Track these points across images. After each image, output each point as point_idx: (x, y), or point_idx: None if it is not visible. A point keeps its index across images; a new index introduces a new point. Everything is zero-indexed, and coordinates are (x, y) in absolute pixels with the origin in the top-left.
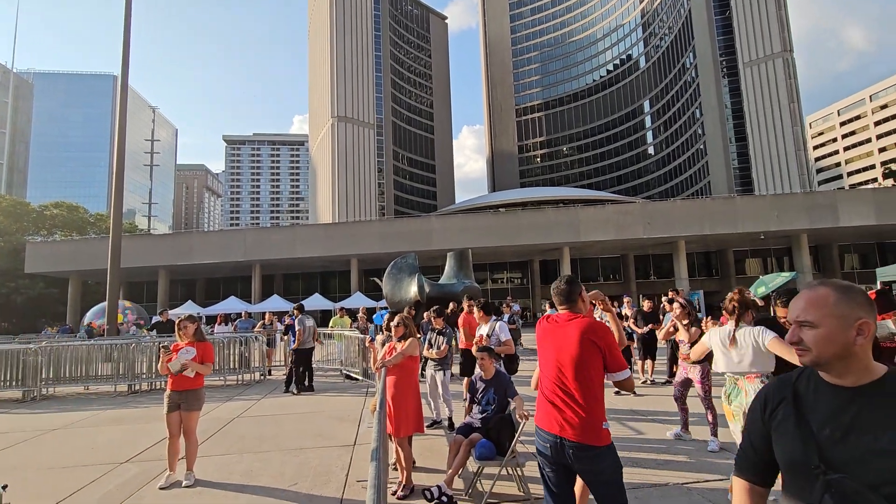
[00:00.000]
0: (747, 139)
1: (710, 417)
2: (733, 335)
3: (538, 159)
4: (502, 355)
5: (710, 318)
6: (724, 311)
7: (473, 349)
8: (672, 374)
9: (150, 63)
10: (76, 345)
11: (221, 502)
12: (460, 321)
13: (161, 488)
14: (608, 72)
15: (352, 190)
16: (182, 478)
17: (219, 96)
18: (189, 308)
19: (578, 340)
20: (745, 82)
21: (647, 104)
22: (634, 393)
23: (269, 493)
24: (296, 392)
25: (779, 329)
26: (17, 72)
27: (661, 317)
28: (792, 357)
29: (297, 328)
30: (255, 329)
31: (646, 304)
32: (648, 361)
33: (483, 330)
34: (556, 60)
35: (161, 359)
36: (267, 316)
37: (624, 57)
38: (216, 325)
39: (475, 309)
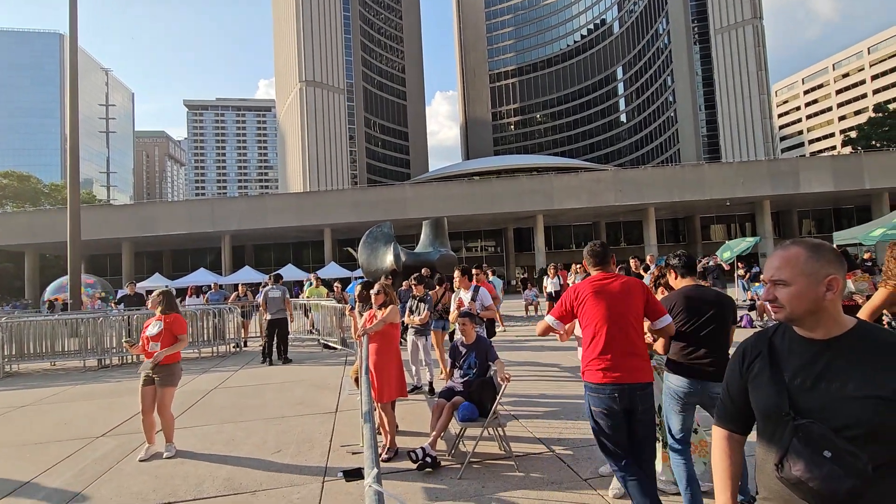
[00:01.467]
0: (716, 107)
1: None
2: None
3: (512, 126)
4: (485, 319)
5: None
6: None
7: (453, 315)
8: None
9: (100, 21)
10: (40, 320)
11: (204, 472)
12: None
13: (141, 460)
14: (582, 37)
15: (323, 158)
16: (163, 449)
17: (178, 59)
18: (157, 281)
19: (634, 294)
20: (715, 49)
21: (620, 71)
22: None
23: (252, 462)
24: (271, 362)
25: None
26: None
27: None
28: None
29: (259, 299)
30: (229, 301)
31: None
32: None
33: (465, 295)
34: (530, 24)
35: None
36: (240, 287)
37: (598, 21)
38: (187, 298)
39: (458, 276)
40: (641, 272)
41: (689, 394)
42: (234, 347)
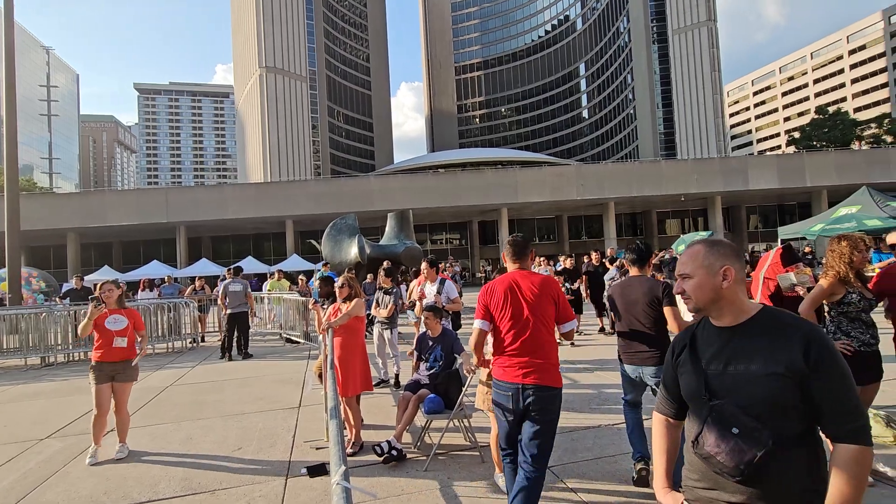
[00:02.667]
0: (673, 105)
1: None
2: None
3: (477, 119)
4: (450, 312)
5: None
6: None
7: (418, 309)
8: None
9: None
10: None
11: (159, 472)
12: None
13: (91, 465)
14: (546, 32)
15: (284, 147)
16: (114, 452)
17: (128, 39)
18: (106, 273)
19: (547, 296)
20: (673, 49)
21: (582, 67)
22: (573, 344)
23: (211, 460)
24: (230, 358)
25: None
26: None
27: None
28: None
29: (219, 294)
30: (185, 294)
31: (567, 262)
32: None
33: (430, 288)
34: (496, 17)
35: (90, 312)
36: (197, 281)
37: (562, 17)
38: (139, 292)
39: (426, 267)
40: (607, 265)
41: (632, 379)
42: (190, 343)
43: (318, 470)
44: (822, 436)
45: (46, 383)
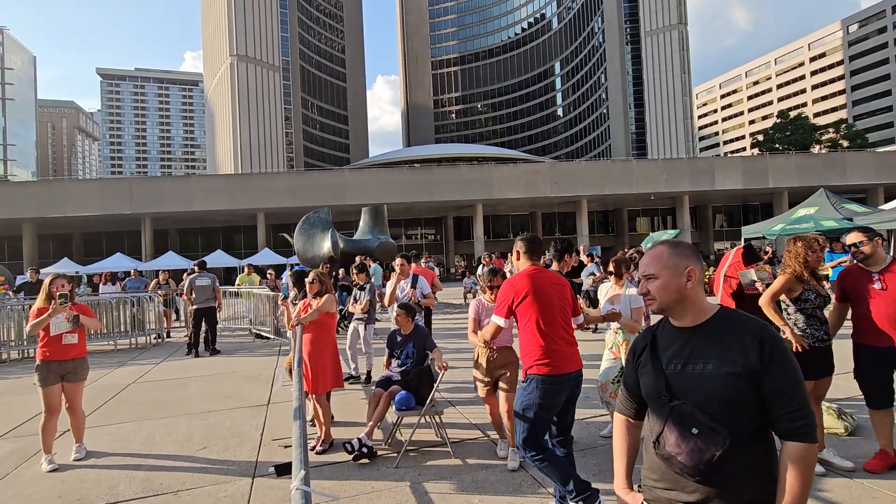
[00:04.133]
0: (644, 105)
1: None
2: (616, 293)
3: (453, 115)
4: (423, 308)
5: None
6: (612, 275)
7: (388, 300)
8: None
9: None
10: None
11: (119, 473)
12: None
13: (49, 471)
14: (523, 29)
15: (256, 138)
16: (70, 453)
17: (89, 21)
18: (66, 266)
19: (567, 288)
20: (645, 51)
21: (557, 66)
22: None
23: (175, 460)
24: (197, 354)
25: None
26: None
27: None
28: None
29: (185, 288)
30: (150, 288)
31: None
32: None
33: (405, 285)
34: (473, 13)
35: (52, 310)
36: (161, 275)
37: (538, 15)
38: (101, 285)
39: (399, 263)
40: (585, 261)
41: None
42: (155, 338)
43: (286, 469)
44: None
45: None
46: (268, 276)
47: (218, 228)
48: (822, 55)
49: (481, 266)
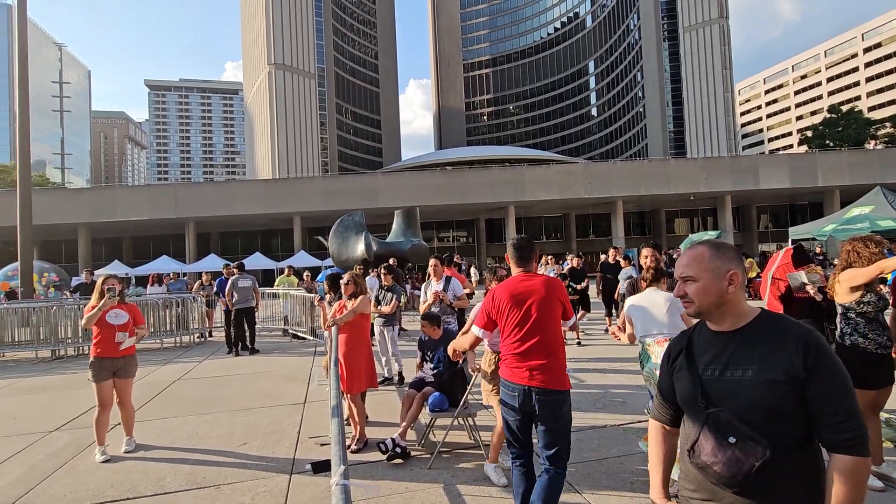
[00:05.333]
0: (683, 103)
1: None
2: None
3: (485, 117)
4: (456, 309)
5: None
6: (643, 280)
7: (424, 307)
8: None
9: None
10: None
11: (166, 466)
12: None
13: (102, 462)
14: (555, 29)
15: (292, 144)
16: (122, 446)
17: (138, 36)
18: (116, 268)
19: (555, 299)
20: (683, 47)
21: (591, 65)
22: (579, 343)
23: (217, 455)
24: (237, 353)
25: None
26: None
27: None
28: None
29: (226, 289)
30: (193, 289)
31: (574, 261)
32: (582, 312)
33: (437, 287)
34: (505, 14)
35: (103, 302)
36: (204, 276)
37: (571, 14)
38: (149, 286)
39: (432, 264)
40: (622, 263)
41: None
42: (198, 337)
43: (323, 466)
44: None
45: (56, 376)
46: (304, 277)
47: (257, 232)
48: (878, 45)
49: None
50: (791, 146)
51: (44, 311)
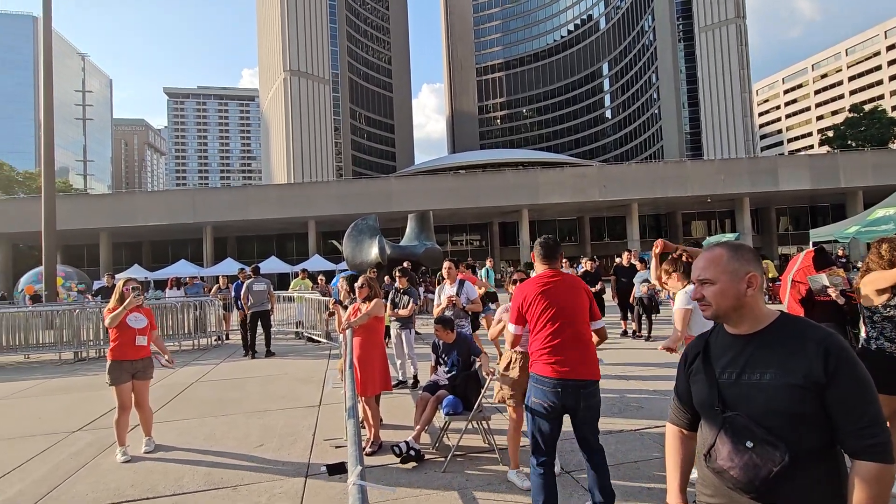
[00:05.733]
0: (699, 104)
1: None
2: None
3: (498, 120)
4: (469, 313)
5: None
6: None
7: (438, 310)
8: (644, 331)
9: (76, 4)
10: (12, 312)
11: (184, 466)
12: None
13: (123, 462)
14: (569, 32)
15: (307, 149)
16: (141, 446)
17: (157, 45)
18: (136, 272)
19: (581, 293)
20: (699, 48)
21: (605, 67)
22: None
23: (234, 456)
24: (253, 356)
25: None
26: None
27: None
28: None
29: (241, 292)
30: (211, 292)
31: (588, 264)
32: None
33: (451, 290)
34: (518, 18)
35: (129, 301)
36: (221, 280)
37: (585, 17)
38: (167, 290)
39: (446, 266)
40: (637, 266)
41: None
42: (215, 340)
43: (338, 469)
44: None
45: (79, 377)
46: (318, 281)
47: (272, 236)
48: None
49: (510, 273)
50: (811, 147)
51: (67, 314)
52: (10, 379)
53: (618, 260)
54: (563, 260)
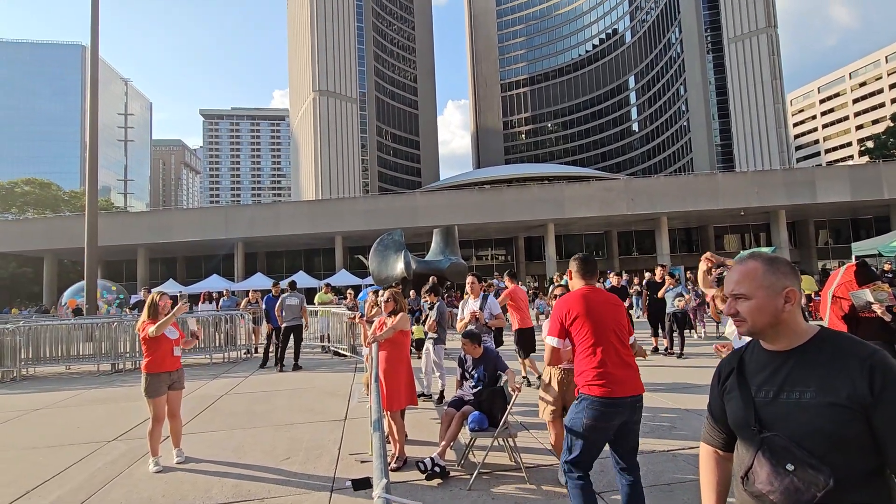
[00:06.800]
0: (730, 116)
1: None
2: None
3: (523, 136)
4: (493, 328)
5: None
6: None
7: (460, 325)
8: (676, 347)
9: (120, 33)
10: (55, 324)
11: (213, 478)
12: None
13: (156, 472)
14: (594, 46)
15: (335, 166)
16: (173, 457)
17: (194, 69)
18: (171, 287)
19: (622, 309)
20: (729, 58)
21: (631, 80)
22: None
23: (261, 469)
24: (281, 369)
25: None
26: None
27: (631, 292)
28: None
29: (276, 307)
30: (241, 306)
31: (615, 279)
32: None
33: (474, 305)
34: (542, 34)
35: (172, 311)
36: (251, 294)
37: (610, 31)
38: (200, 304)
39: (470, 281)
40: (668, 281)
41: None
42: (245, 353)
43: (363, 483)
44: None
45: (116, 388)
46: (346, 295)
47: (300, 251)
48: None
49: (552, 286)
50: (850, 157)
51: (105, 327)
52: (53, 389)
53: (648, 275)
54: None
